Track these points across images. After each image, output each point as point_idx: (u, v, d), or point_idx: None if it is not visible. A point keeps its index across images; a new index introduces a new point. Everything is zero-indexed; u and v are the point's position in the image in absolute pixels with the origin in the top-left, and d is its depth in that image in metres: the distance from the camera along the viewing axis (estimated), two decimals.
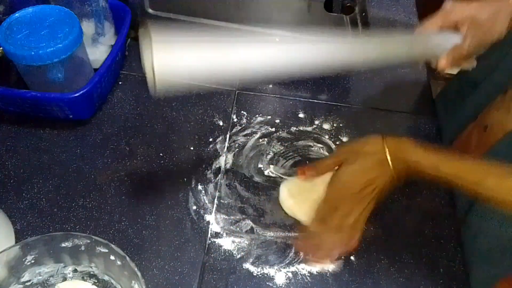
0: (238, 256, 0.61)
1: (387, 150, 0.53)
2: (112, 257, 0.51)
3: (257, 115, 0.76)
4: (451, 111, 0.77)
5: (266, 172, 0.69)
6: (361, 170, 0.55)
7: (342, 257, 0.60)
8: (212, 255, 0.61)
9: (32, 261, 0.52)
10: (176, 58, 0.42)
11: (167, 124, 0.73)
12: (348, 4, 0.71)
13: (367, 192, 0.55)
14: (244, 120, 0.75)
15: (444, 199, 0.68)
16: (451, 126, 0.75)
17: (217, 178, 0.68)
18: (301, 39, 0.53)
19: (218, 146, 0.71)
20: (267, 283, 0.59)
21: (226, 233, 0.63)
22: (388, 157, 0.53)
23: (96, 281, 0.55)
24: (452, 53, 0.61)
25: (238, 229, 0.63)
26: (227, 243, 0.62)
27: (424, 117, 0.78)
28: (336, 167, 0.58)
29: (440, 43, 0.62)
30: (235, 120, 0.75)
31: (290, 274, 0.60)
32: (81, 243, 0.52)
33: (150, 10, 0.78)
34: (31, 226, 0.61)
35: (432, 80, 0.84)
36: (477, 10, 0.61)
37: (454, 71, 0.69)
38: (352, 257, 0.61)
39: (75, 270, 0.55)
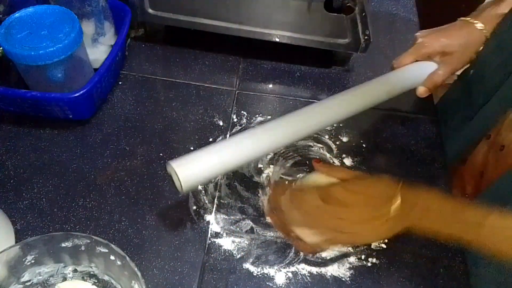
0: (238, 256, 0.61)
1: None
2: (112, 257, 0.52)
3: (257, 115, 0.76)
4: (452, 118, 0.77)
5: (266, 172, 0.69)
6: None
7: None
8: (212, 255, 0.61)
9: (32, 261, 0.52)
10: (198, 175, 0.52)
11: (167, 124, 0.73)
12: (348, 4, 0.72)
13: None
14: (244, 120, 0.75)
15: None
16: (455, 138, 0.75)
17: (217, 178, 0.68)
18: (296, 112, 0.59)
19: None
20: (267, 283, 0.59)
21: (226, 233, 0.63)
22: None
23: (96, 281, 0.55)
24: (429, 81, 0.65)
25: (238, 229, 0.63)
26: (227, 243, 0.62)
27: (424, 117, 0.78)
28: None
29: (417, 74, 0.66)
30: (235, 120, 0.75)
31: (290, 274, 0.60)
32: (81, 243, 0.52)
33: (150, 10, 0.78)
34: (31, 226, 0.61)
35: None
36: (447, 41, 0.65)
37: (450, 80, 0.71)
38: (352, 257, 0.61)
39: (75, 270, 0.55)
